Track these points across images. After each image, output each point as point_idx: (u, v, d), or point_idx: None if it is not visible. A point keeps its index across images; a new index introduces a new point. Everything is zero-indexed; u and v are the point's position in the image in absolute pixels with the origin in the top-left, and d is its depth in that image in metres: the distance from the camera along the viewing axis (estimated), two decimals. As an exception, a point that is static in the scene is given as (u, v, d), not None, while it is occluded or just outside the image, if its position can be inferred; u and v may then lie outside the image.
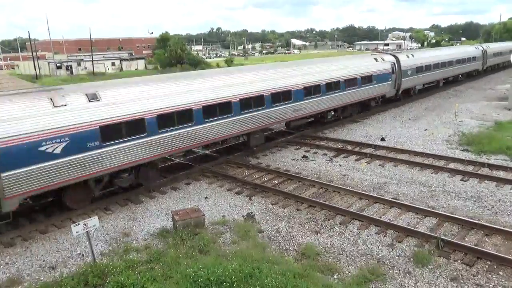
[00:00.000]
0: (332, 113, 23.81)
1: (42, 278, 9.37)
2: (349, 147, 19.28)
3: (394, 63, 27.86)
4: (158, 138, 13.99)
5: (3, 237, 11.17)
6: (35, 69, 66.38)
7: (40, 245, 10.95)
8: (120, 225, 12.01)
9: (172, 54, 77.21)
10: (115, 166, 12.99)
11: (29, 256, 10.39)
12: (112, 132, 12.69)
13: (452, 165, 16.00)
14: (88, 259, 9.94)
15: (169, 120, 14.27)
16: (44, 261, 10.16)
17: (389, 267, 9.33)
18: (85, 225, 9.33)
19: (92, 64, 76.65)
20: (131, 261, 9.67)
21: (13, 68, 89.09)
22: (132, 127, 13.24)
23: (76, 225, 9.26)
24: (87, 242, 9.74)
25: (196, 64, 76.74)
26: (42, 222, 12.08)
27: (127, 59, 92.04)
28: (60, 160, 11.58)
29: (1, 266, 9.96)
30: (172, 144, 14.52)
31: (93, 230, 10.38)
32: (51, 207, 13.12)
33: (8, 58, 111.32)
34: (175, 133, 14.49)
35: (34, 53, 68.39)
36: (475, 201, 12.72)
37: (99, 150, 12.43)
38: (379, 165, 16.57)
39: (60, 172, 11.67)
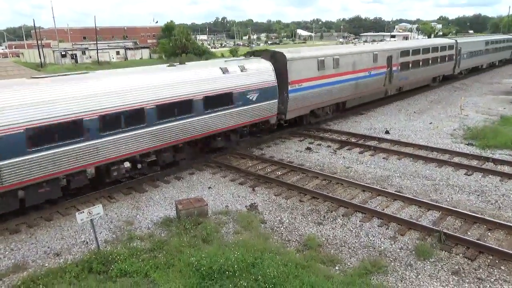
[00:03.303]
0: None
1: (46, 264, 9.50)
2: (353, 140, 19.24)
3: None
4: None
5: (8, 224, 11.31)
6: (40, 57, 66.32)
7: (45, 232, 11.07)
8: (124, 213, 12.11)
9: (176, 43, 76.69)
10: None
11: (34, 243, 10.52)
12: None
13: (456, 159, 15.94)
14: (92, 247, 10.05)
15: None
16: (49, 247, 10.28)
17: (391, 259, 9.37)
18: (89, 213, 9.41)
19: (97, 53, 76.50)
20: (134, 249, 9.78)
21: (18, 56, 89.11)
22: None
23: (81, 213, 9.35)
24: (91, 230, 9.84)
25: (201, 53, 76.30)
26: (47, 209, 12.19)
27: (131, 48, 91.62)
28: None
29: (7, 252, 10.10)
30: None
31: (97, 218, 10.43)
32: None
33: (13, 46, 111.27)
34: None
35: (39, 41, 68.22)
36: (478, 195, 12.69)
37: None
38: (383, 158, 16.54)
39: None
